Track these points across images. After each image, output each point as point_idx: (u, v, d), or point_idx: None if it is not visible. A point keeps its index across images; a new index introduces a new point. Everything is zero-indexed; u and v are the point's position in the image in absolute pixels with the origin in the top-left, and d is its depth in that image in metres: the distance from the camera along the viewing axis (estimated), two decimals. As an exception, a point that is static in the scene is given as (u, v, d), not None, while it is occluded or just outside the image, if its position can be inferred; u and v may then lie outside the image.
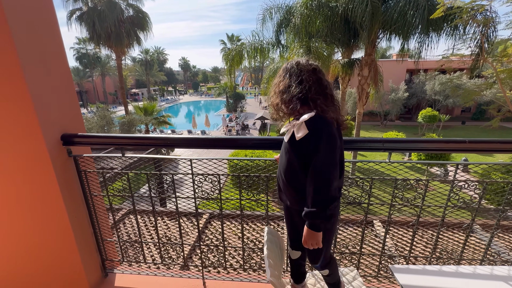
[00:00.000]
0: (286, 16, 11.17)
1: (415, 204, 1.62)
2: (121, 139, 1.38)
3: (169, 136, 1.43)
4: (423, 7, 7.36)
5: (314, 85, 1.05)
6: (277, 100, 1.13)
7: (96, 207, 1.60)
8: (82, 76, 41.77)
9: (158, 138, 1.41)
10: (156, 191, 1.57)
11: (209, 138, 1.41)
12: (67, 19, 13.37)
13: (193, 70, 80.00)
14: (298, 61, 1.13)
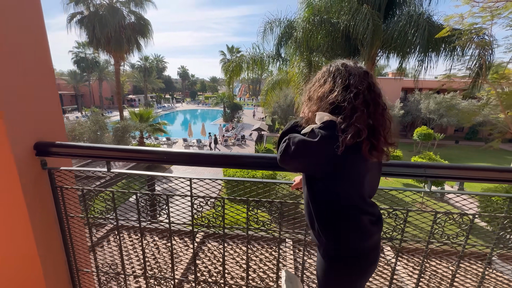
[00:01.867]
0: (287, 30, 11.27)
1: (457, 243, 1.37)
2: (108, 151, 1.15)
3: (165, 150, 1.20)
4: (423, 27, 7.46)
5: (365, 91, 0.85)
6: (313, 108, 0.93)
7: (72, 231, 1.34)
8: (79, 79, 41.44)
9: (151, 152, 1.18)
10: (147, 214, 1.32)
11: (216, 154, 1.18)
12: (67, 22, 13.26)
13: (192, 79, 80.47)
14: (345, 62, 0.94)
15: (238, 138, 23.92)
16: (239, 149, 21.52)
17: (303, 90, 0.98)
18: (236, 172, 8.38)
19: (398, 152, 14.90)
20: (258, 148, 18.43)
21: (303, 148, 0.85)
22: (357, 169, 0.88)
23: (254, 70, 11.86)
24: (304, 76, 9.07)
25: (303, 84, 8.96)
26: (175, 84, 76.75)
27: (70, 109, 43.12)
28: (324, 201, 0.89)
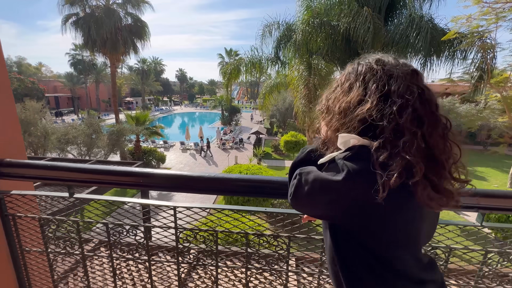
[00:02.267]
0: (286, 33, 11.12)
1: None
2: (70, 172, 0.91)
3: (142, 171, 0.95)
4: (425, 30, 7.31)
5: (415, 103, 0.57)
6: (333, 124, 0.67)
7: (30, 267, 1.09)
8: (75, 82, 41.10)
9: (124, 173, 0.92)
10: (120, 248, 1.06)
11: (209, 177, 0.92)
12: (62, 24, 12.99)
13: (190, 82, 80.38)
14: (381, 58, 0.65)
15: (236, 141, 23.67)
16: (237, 153, 21.25)
17: (322, 98, 0.70)
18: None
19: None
20: (257, 151, 18.17)
21: (320, 191, 0.61)
22: (408, 222, 0.59)
23: (253, 73, 11.68)
24: (303, 79, 8.88)
25: (303, 88, 8.77)
26: (173, 87, 76.58)
27: (67, 112, 42.68)
28: (358, 264, 0.60)
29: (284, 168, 17.65)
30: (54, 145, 10.14)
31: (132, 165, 5.41)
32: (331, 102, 0.69)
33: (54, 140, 10.14)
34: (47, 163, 0.90)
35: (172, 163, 18.11)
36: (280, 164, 18.47)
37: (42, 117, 11.11)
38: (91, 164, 5.80)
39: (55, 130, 10.49)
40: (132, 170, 0.93)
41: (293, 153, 15.51)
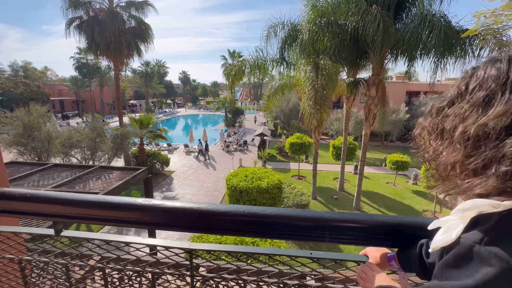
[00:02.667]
0: (292, 33, 10.90)
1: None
2: (56, 205, 0.69)
3: (154, 204, 0.72)
4: (439, 27, 7.03)
5: None
6: (453, 159, 0.45)
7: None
8: (80, 85, 41.38)
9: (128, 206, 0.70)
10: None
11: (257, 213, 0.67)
12: (66, 28, 12.95)
13: (193, 84, 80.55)
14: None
15: (240, 143, 23.47)
16: (241, 155, 21.03)
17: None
18: (240, 182, 7.90)
19: (406, 158, 14.37)
20: (262, 154, 17.94)
21: None
22: None
23: (257, 74, 11.47)
24: (311, 80, 8.64)
25: (311, 88, 8.53)
26: (177, 89, 76.83)
27: (72, 115, 42.99)
28: None
29: (290, 170, 17.39)
30: (58, 149, 10.04)
31: (136, 171, 5.23)
32: (449, 121, 0.46)
33: (58, 144, 10.04)
34: (26, 192, 0.69)
35: (176, 166, 17.96)
36: (285, 167, 18.21)
37: (47, 121, 11.04)
38: (94, 169, 5.63)
39: (59, 134, 10.39)
40: (136, 202, 0.70)
41: (298, 155, 15.24)
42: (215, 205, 0.68)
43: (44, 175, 5.56)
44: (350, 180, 15.80)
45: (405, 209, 12.00)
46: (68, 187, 4.76)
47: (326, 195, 13.24)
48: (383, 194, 13.70)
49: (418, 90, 27.26)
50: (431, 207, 12.22)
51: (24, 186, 4.98)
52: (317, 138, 12.13)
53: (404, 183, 15.57)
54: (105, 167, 5.76)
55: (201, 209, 0.65)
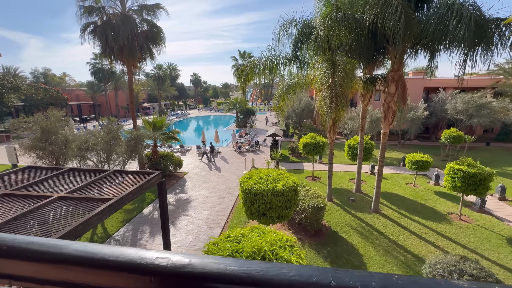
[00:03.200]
0: (305, 31, 10.56)
1: None
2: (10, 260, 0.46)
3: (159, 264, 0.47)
4: (468, 16, 6.48)
5: None
6: None
7: None
8: (96, 90, 42.64)
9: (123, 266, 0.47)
10: None
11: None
12: (81, 33, 13.22)
13: (204, 86, 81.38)
14: None
15: (252, 144, 23.27)
16: (254, 156, 20.81)
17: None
18: (254, 185, 7.65)
19: (427, 158, 13.62)
20: (275, 155, 17.63)
21: None
22: None
23: (269, 74, 11.19)
24: (327, 77, 8.27)
25: (327, 86, 8.15)
26: (188, 91, 77.91)
27: (89, 118, 44.50)
28: None
29: (303, 171, 16.99)
30: (74, 152, 10.18)
31: (150, 175, 5.12)
32: None
33: (74, 148, 10.19)
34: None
35: (189, 168, 17.99)
36: (299, 167, 17.82)
37: (65, 124, 11.24)
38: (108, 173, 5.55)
39: (76, 137, 10.55)
40: (135, 261, 0.45)
41: (312, 155, 14.82)
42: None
43: (59, 180, 5.53)
44: (367, 181, 15.22)
45: (427, 212, 11.34)
46: (82, 192, 4.68)
47: (342, 197, 12.77)
48: (403, 196, 13.05)
49: (437, 86, 26.07)
50: (456, 209, 11.49)
51: (40, 191, 4.96)
52: (332, 138, 11.70)
53: (424, 184, 14.81)
54: (119, 171, 5.67)
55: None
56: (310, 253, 8.61)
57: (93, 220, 3.86)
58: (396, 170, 17.29)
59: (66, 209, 4.17)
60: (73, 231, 3.61)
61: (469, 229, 10.00)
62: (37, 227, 3.54)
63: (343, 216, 10.95)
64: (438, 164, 18.30)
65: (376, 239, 9.30)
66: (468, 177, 9.81)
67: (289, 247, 4.89)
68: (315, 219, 9.44)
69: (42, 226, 3.70)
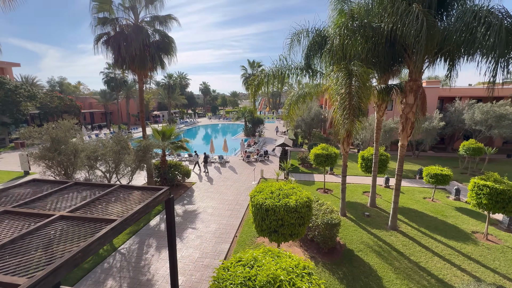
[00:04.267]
0: (317, 40, 10.31)
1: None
2: None
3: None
4: (498, 23, 6.03)
5: None
6: None
7: None
8: (108, 98, 43.57)
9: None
10: None
11: None
12: (94, 44, 13.40)
13: (213, 94, 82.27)
14: None
15: (261, 153, 22.89)
16: (262, 166, 20.40)
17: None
18: (266, 200, 7.25)
19: (447, 171, 12.86)
20: (284, 165, 17.17)
21: None
22: None
23: (280, 83, 10.92)
24: (342, 87, 7.90)
25: (343, 96, 7.77)
26: (197, 100, 78.84)
27: (103, 126, 45.41)
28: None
29: (314, 183, 16.42)
30: (83, 162, 10.08)
31: (157, 192, 4.84)
32: None
33: (83, 157, 10.09)
34: None
35: (197, 177, 17.71)
36: (309, 179, 17.26)
37: (77, 133, 11.21)
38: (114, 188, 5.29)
39: (85, 147, 10.47)
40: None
41: (323, 167, 14.29)
42: None
43: (64, 195, 5.30)
44: (382, 194, 14.50)
45: (450, 230, 10.57)
46: (85, 210, 4.40)
47: (356, 212, 12.13)
48: (421, 212, 12.29)
49: (452, 96, 25.21)
50: (481, 227, 10.67)
51: (42, 209, 4.71)
52: (345, 150, 11.21)
53: (444, 199, 13.97)
54: (125, 186, 5.39)
55: None
56: (324, 274, 8.04)
57: (94, 245, 3.54)
58: (412, 183, 16.48)
59: (67, 231, 3.87)
60: (72, 259, 3.29)
61: (498, 250, 9.19)
62: (33, 254, 3.24)
63: (358, 232, 10.32)
64: (457, 177, 17.37)
65: (395, 260, 8.64)
66: (496, 194, 9.09)
67: (307, 275, 4.43)
68: (329, 236, 8.88)
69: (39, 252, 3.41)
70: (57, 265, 3.14)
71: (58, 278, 3.01)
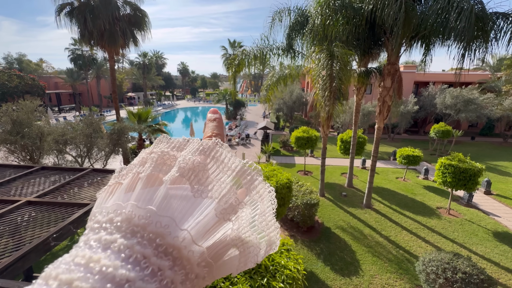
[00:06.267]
0: (300, 19, 10.08)
1: None
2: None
3: None
4: (469, 9, 6.23)
5: None
6: None
7: None
8: (76, 78, 40.28)
9: None
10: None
11: None
12: (56, 15, 12.03)
13: (192, 76, 79.13)
14: None
15: (243, 137, 22.80)
16: (244, 149, 20.41)
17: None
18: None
19: (418, 152, 13.71)
20: (266, 148, 17.28)
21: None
22: None
23: (262, 64, 10.68)
24: (323, 69, 7.89)
25: (325, 78, 7.78)
26: (175, 81, 75.47)
27: (68, 108, 42.07)
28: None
29: (295, 165, 16.79)
30: (50, 146, 9.37)
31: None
32: None
33: (50, 141, 9.36)
34: None
35: (177, 161, 17.34)
36: (290, 161, 17.61)
37: (42, 115, 10.32)
38: (86, 172, 4.98)
39: (52, 130, 9.69)
40: None
41: (304, 149, 14.59)
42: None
43: (29, 180, 4.89)
44: (359, 175, 15.24)
45: (417, 206, 11.46)
46: (54, 195, 4.11)
47: (334, 192, 12.69)
48: (393, 190, 13.14)
49: (427, 80, 26.37)
50: (445, 203, 11.68)
51: (5, 195, 4.33)
52: (326, 132, 11.45)
53: (414, 178, 15.01)
54: (98, 170, 5.10)
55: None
56: (303, 250, 8.45)
57: (66, 230, 3.35)
58: (387, 164, 17.44)
59: (35, 217, 3.63)
60: (42, 244, 3.11)
61: (457, 223, 10.16)
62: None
63: (336, 211, 10.85)
64: (426, 158, 18.63)
65: (368, 235, 9.26)
66: (459, 173, 9.87)
67: (286, 252, 4.60)
68: (308, 215, 9.24)
69: (4, 239, 3.17)
70: (25, 251, 2.95)
71: (27, 264, 2.84)
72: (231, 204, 0.32)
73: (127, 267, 0.23)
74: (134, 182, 0.32)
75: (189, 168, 0.32)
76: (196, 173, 0.32)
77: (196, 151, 0.34)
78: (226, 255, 0.31)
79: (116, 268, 0.22)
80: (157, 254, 0.25)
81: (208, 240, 0.29)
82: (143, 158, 0.36)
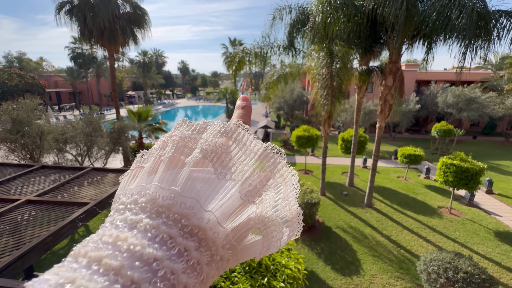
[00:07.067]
0: (301, 17, 10.02)
1: None
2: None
3: None
4: (471, 6, 6.17)
5: None
6: None
7: None
8: (76, 76, 40.24)
9: None
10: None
11: None
12: (56, 13, 11.97)
13: (192, 74, 79.06)
14: None
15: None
16: (245, 148, 20.36)
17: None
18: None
19: (419, 151, 13.65)
20: (266, 147, 17.21)
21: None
22: None
23: (263, 62, 10.63)
24: (323, 67, 7.83)
25: (325, 77, 7.73)
26: (176, 80, 75.40)
27: (69, 107, 42.06)
28: None
29: (296, 164, 16.76)
30: (50, 145, 9.36)
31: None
32: None
33: (50, 140, 9.35)
34: None
35: (178, 160, 17.32)
36: (291, 160, 17.57)
37: (42, 114, 10.30)
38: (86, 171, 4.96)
39: (52, 129, 9.68)
40: None
41: (305, 148, 14.55)
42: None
43: (29, 179, 4.88)
44: (359, 174, 15.20)
45: (419, 206, 11.42)
46: (54, 194, 4.09)
47: (335, 191, 12.66)
48: (395, 190, 13.10)
49: (428, 79, 26.26)
50: (446, 203, 11.64)
51: (5, 194, 4.31)
52: (326, 131, 11.39)
53: (415, 177, 14.96)
54: (98, 169, 5.08)
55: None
56: (304, 250, 8.43)
57: (66, 229, 3.33)
58: (388, 164, 17.40)
59: (35, 216, 3.61)
60: (42, 243, 3.09)
61: (459, 223, 10.13)
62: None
63: (337, 211, 10.82)
64: (428, 158, 18.58)
65: (369, 235, 9.24)
66: (461, 172, 9.83)
67: (287, 251, 4.58)
68: (309, 215, 9.22)
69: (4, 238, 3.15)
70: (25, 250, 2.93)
71: (27, 263, 2.83)
72: (255, 186, 0.31)
73: (154, 246, 0.23)
74: (156, 165, 0.32)
75: (211, 150, 0.31)
76: (218, 155, 0.31)
77: (218, 133, 0.34)
78: (249, 239, 0.31)
79: (144, 246, 0.23)
80: (182, 234, 0.25)
81: (233, 223, 0.29)
82: (163, 141, 0.36)
